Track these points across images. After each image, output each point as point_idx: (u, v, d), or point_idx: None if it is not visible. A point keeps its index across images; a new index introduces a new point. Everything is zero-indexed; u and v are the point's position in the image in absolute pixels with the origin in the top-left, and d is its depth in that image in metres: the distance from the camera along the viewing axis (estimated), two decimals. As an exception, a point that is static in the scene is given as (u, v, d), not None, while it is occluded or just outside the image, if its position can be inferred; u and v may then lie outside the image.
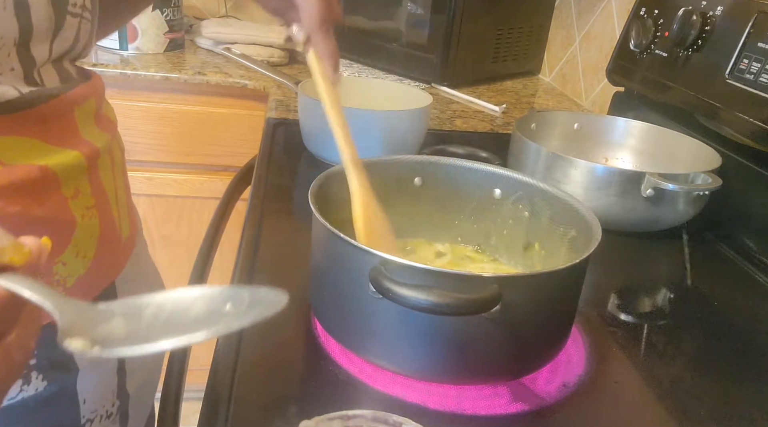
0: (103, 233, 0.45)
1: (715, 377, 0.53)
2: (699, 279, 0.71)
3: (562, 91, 1.47)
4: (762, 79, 0.74)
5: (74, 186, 0.42)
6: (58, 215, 0.41)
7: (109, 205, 0.47)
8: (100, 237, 0.45)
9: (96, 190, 0.45)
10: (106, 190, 0.46)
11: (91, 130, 0.46)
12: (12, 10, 0.37)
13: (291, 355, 0.50)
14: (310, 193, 0.50)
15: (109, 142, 0.48)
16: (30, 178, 0.39)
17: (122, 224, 0.49)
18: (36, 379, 0.42)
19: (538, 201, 0.57)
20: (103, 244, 0.45)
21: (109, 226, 0.46)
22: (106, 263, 0.46)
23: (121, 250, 0.49)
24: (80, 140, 0.44)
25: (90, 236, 0.44)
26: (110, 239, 0.47)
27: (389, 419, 0.35)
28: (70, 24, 0.42)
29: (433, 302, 0.39)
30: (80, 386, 0.46)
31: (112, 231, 0.47)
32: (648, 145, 0.89)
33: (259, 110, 1.32)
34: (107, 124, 0.50)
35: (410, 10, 1.37)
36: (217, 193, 1.00)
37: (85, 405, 0.46)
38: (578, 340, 0.55)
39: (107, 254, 0.46)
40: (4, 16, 0.37)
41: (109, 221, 0.47)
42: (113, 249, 0.47)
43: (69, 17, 0.42)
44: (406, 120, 0.86)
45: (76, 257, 0.43)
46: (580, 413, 0.47)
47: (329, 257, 0.48)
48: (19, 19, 0.37)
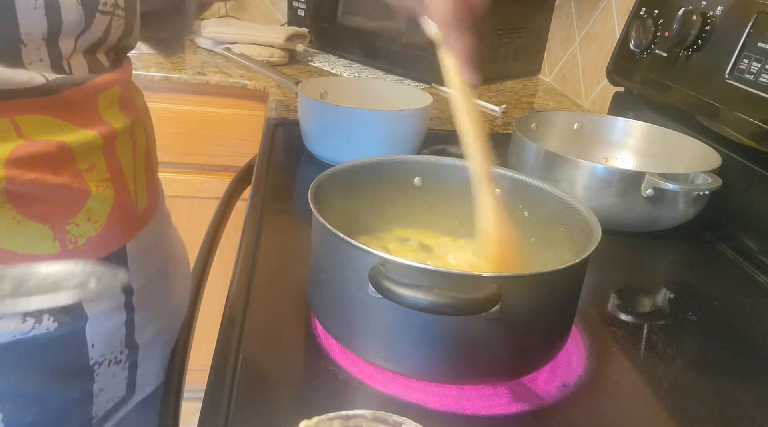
0: (116, 204, 0.48)
1: (715, 377, 0.53)
2: (699, 279, 0.71)
3: (562, 91, 1.47)
4: (762, 79, 0.74)
5: (90, 161, 0.45)
6: (72, 184, 0.44)
7: (125, 181, 0.49)
8: (114, 207, 0.48)
9: (112, 166, 0.47)
10: (124, 168, 0.49)
11: (113, 113, 0.48)
12: (42, 10, 0.39)
13: (291, 355, 0.50)
14: (310, 194, 0.50)
15: (130, 125, 0.50)
16: (48, 152, 0.42)
17: (138, 198, 0.51)
18: (47, 320, 0.45)
19: (538, 201, 0.57)
20: (115, 213, 0.48)
21: (123, 198, 0.49)
22: (118, 230, 0.49)
23: (135, 220, 0.52)
24: (100, 122, 0.46)
25: (103, 204, 0.47)
26: (124, 209, 0.49)
27: (389, 419, 0.35)
28: (99, 21, 0.44)
29: (433, 302, 0.39)
30: (89, 332, 0.48)
31: (127, 203, 0.50)
32: (648, 145, 0.89)
33: (259, 110, 1.32)
34: (131, 108, 0.52)
35: (410, 10, 1.36)
36: (217, 193, 1.00)
37: (93, 349, 0.49)
38: (578, 340, 0.55)
39: (119, 222, 0.49)
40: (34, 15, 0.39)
41: (124, 194, 0.49)
42: (126, 218, 0.50)
43: (99, 15, 0.43)
44: (406, 120, 0.86)
45: (87, 220, 0.46)
46: (580, 413, 0.47)
47: (329, 257, 0.48)
48: (48, 17, 0.40)
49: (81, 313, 0.47)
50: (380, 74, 1.42)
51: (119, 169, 0.48)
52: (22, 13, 0.38)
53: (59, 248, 0.44)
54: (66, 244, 0.45)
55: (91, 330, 0.48)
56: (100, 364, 0.50)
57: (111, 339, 0.50)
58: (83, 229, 0.45)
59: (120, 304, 0.50)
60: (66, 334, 0.46)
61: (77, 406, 0.49)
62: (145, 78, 1.28)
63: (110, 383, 0.51)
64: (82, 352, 0.48)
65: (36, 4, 0.39)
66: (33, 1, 0.39)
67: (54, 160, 0.42)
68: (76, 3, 0.41)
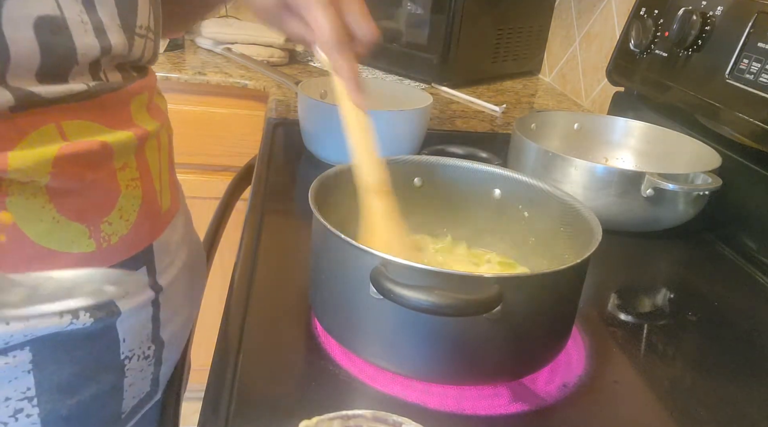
0: (144, 202, 0.50)
1: (715, 377, 0.53)
2: (699, 279, 0.71)
3: (562, 91, 1.47)
4: (762, 79, 0.74)
5: (123, 160, 0.48)
6: (106, 182, 0.46)
7: (152, 180, 0.52)
8: (142, 205, 0.50)
9: (141, 166, 0.50)
10: (151, 168, 0.51)
11: (144, 117, 0.51)
12: (92, 33, 0.42)
13: (291, 355, 0.50)
14: (310, 194, 0.50)
15: (158, 128, 0.53)
16: (91, 150, 0.44)
17: (163, 197, 0.54)
18: (84, 315, 0.46)
19: (538, 201, 0.57)
20: (143, 211, 0.50)
21: (150, 196, 0.51)
22: (146, 228, 0.51)
23: (161, 218, 0.53)
24: (133, 124, 0.49)
25: (132, 203, 0.49)
26: (151, 207, 0.51)
27: (389, 419, 0.35)
28: (137, 44, 0.47)
29: (434, 303, 0.39)
30: (120, 327, 0.49)
31: (153, 201, 0.52)
32: (648, 145, 0.89)
33: (259, 110, 1.32)
34: (158, 112, 0.55)
35: (410, 10, 1.37)
36: (217, 193, 1.00)
37: (124, 343, 0.50)
38: (578, 340, 0.55)
39: (147, 220, 0.51)
40: (86, 38, 0.42)
41: (151, 193, 0.51)
42: (153, 217, 0.52)
43: (137, 38, 0.47)
44: (406, 120, 0.86)
45: (120, 219, 0.48)
46: (580, 413, 0.47)
47: (329, 257, 0.48)
48: (99, 40, 0.43)
49: (115, 309, 0.48)
50: (380, 74, 1.42)
51: (147, 168, 0.51)
52: (76, 35, 0.41)
53: (94, 245, 0.46)
54: (101, 242, 0.46)
55: (122, 325, 0.49)
56: (130, 359, 0.51)
57: (139, 334, 0.51)
58: (116, 227, 0.48)
59: (149, 300, 0.52)
60: (100, 328, 0.48)
61: (109, 400, 0.51)
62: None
63: (138, 378, 0.52)
64: (114, 346, 0.49)
65: (86, 27, 0.42)
66: (83, 25, 0.41)
67: (94, 158, 0.45)
68: (118, 26, 0.44)
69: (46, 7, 0.39)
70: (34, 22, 0.39)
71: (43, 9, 0.39)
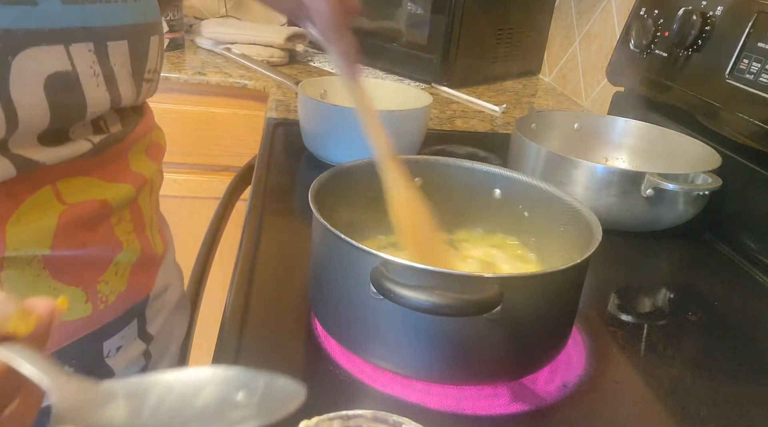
0: (143, 253, 0.48)
1: (715, 377, 0.53)
2: (699, 279, 0.71)
3: (562, 91, 1.47)
4: (762, 79, 0.74)
5: (119, 215, 0.45)
6: (106, 241, 0.44)
7: (145, 229, 0.49)
8: (139, 257, 0.48)
9: (135, 216, 0.48)
10: (144, 216, 0.49)
11: (142, 162, 0.49)
12: (104, 86, 0.40)
13: (291, 355, 0.50)
14: (310, 194, 0.50)
15: (155, 170, 0.51)
16: (91, 212, 0.42)
17: (156, 244, 0.52)
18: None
19: (538, 201, 0.57)
20: (139, 263, 0.48)
21: (146, 247, 0.49)
22: (143, 279, 0.49)
23: (154, 266, 0.52)
24: (130, 173, 0.47)
25: (130, 256, 0.47)
26: (146, 257, 0.49)
27: (389, 419, 0.35)
28: (145, 89, 0.46)
29: (435, 303, 0.39)
30: None
31: (149, 251, 0.50)
32: (648, 145, 0.89)
33: (259, 110, 1.32)
34: (156, 151, 0.53)
35: (410, 10, 1.37)
36: (217, 193, 1.00)
37: None
38: (578, 340, 0.55)
39: (143, 272, 0.49)
40: (98, 92, 0.39)
41: (146, 243, 0.49)
42: (148, 266, 0.50)
43: (144, 83, 0.45)
44: (406, 120, 0.86)
45: (116, 275, 0.46)
46: (580, 413, 0.47)
47: (329, 258, 0.48)
48: (110, 93, 0.41)
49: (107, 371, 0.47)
50: (380, 74, 1.42)
51: (141, 217, 0.49)
52: (88, 90, 0.39)
53: (91, 309, 0.44)
54: (97, 304, 0.44)
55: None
56: None
57: None
58: (113, 285, 0.45)
59: (140, 352, 0.50)
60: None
61: None
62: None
63: None
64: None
65: (98, 80, 0.39)
66: (95, 78, 0.39)
67: (95, 219, 0.43)
68: (128, 74, 0.42)
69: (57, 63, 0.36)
70: (45, 81, 0.36)
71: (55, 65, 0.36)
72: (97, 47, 0.39)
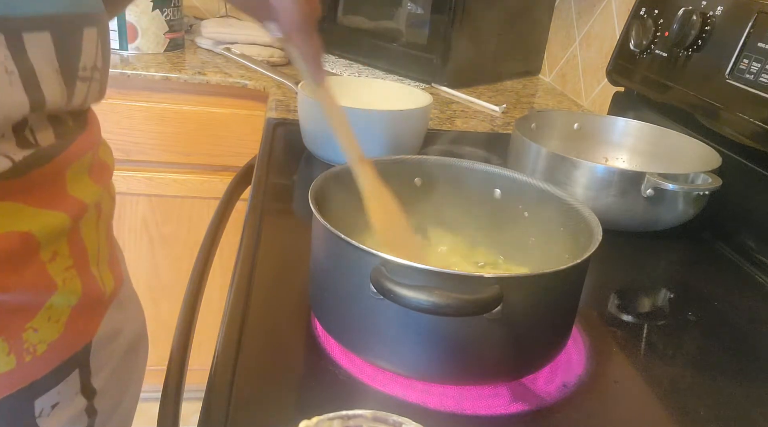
0: (84, 293, 0.42)
1: (715, 377, 0.53)
2: (699, 279, 0.71)
3: (562, 91, 1.47)
4: (762, 79, 0.74)
5: (53, 249, 0.39)
6: (36, 282, 0.37)
7: (89, 264, 0.43)
8: (81, 298, 0.41)
9: (75, 249, 0.41)
10: (87, 248, 0.42)
11: (82, 185, 0.42)
12: (20, 85, 0.34)
13: (291, 355, 0.50)
14: (310, 194, 0.50)
15: (100, 195, 0.44)
16: (10, 249, 0.35)
17: (105, 280, 0.45)
18: None
19: (538, 201, 0.57)
20: (81, 305, 0.41)
21: (90, 285, 0.42)
22: (82, 325, 0.42)
23: (101, 308, 0.45)
24: (67, 199, 0.40)
25: (68, 298, 0.40)
26: (91, 297, 0.43)
27: (389, 419, 0.35)
28: (79, 90, 0.39)
29: (435, 303, 0.39)
30: None
31: (94, 289, 0.43)
32: (648, 145, 0.89)
33: (259, 110, 1.32)
34: (101, 172, 0.45)
35: (410, 10, 1.37)
36: (217, 193, 1.00)
37: None
38: (578, 340, 0.55)
39: (83, 316, 0.42)
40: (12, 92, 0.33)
41: (90, 280, 0.43)
42: (92, 309, 0.43)
43: (79, 83, 0.38)
44: (406, 120, 0.86)
45: (48, 321, 0.39)
46: (580, 413, 0.47)
47: (329, 258, 0.48)
48: (29, 93, 0.34)
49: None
50: (380, 74, 1.42)
51: (82, 249, 0.42)
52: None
53: (14, 362, 0.37)
54: (23, 356, 0.38)
55: None
56: None
57: None
58: (43, 333, 0.38)
59: (81, 410, 0.43)
60: None
61: None
62: (145, 78, 1.28)
63: None
64: None
65: (11, 79, 0.33)
66: (7, 77, 0.33)
67: (17, 257, 0.36)
68: (55, 73, 0.36)
69: None
70: None
71: None
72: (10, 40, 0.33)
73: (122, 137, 1.31)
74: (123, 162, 1.31)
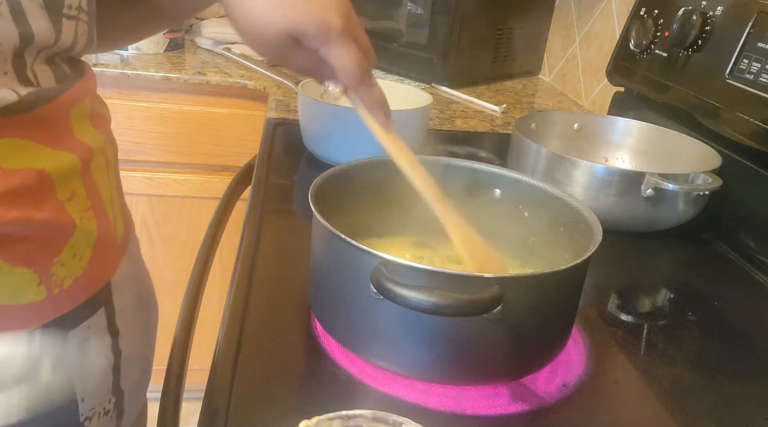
0: (100, 235, 0.45)
1: (715, 377, 0.53)
2: (699, 279, 0.71)
3: (562, 91, 1.47)
4: (762, 79, 0.74)
5: (69, 189, 0.42)
6: (56, 218, 0.41)
7: (104, 208, 0.46)
8: (98, 239, 0.44)
9: (91, 192, 0.44)
10: (101, 192, 0.46)
11: (86, 129, 0.45)
12: (9, 17, 0.36)
13: (291, 355, 0.50)
14: (310, 194, 0.50)
15: (103, 142, 0.47)
16: (27, 184, 0.38)
17: (117, 225, 0.48)
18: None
19: (538, 201, 0.57)
20: (99, 245, 0.45)
21: (105, 228, 0.46)
22: (102, 264, 0.46)
23: (116, 251, 0.49)
24: (75, 141, 0.43)
25: (87, 237, 0.43)
26: (106, 240, 0.46)
27: (389, 419, 0.35)
28: (67, 28, 0.41)
29: (435, 303, 0.39)
30: (78, 386, 0.45)
31: (109, 233, 0.46)
32: (648, 145, 0.89)
33: (259, 110, 1.32)
34: (101, 122, 0.48)
35: (410, 10, 1.37)
36: (217, 193, 1.00)
37: (83, 403, 0.46)
38: (578, 340, 0.55)
39: (103, 255, 0.46)
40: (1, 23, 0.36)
41: (105, 223, 0.46)
42: (108, 250, 0.47)
43: (65, 20, 0.40)
44: (406, 120, 0.86)
45: (73, 258, 0.42)
46: (580, 413, 0.47)
47: (329, 258, 0.48)
48: (17, 25, 0.37)
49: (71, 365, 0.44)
50: (380, 74, 1.42)
51: (98, 194, 0.45)
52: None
53: (45, 293, 0.41)
54: (52, 288, 0.41)
55: (79, 384, 0.45)
56: (90, 419, 0.47)
57: (100, 389, 0.47)
58: (69, 268, 0.42)
59: (108, 347, 0.47)
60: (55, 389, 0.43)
61: None
62: (145, 78, 1.28)
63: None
64: (71, 410, 0.45)
65: (1, 10, 0.35)
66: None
67: (35, 192, 0.39)
68: (40, 7, 0.38)
69: None
70: None
71: None
72: None
73: (122, 137, 1.30)
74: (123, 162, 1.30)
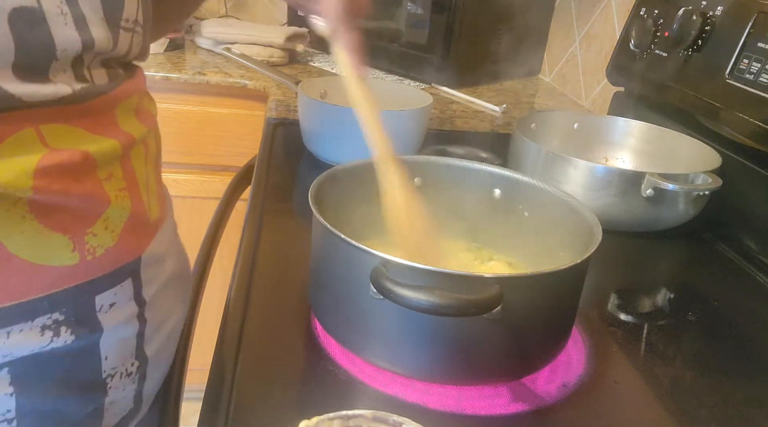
0: (133, 213, 0.49)
1: (715, 377, 0.53)
2: (699, 279, 0.71)
3: (562, 91, 1.47)
4: (762, 79, 0.74)
5: (108, 170, 0.46)
6: (93, 193, 0.45)
7: (140, 190, 0.50)
8: (130, 216, 0.48)
9: (128, 175, 0.48)
10: (138, 177, 0.50)
11: (130, 122, 0.49)
12: (73, 26, 0.40)
13: (291, 355, 0.50)
14: (310, 194, 0.50)
15: (146, 133, 0.51)
16: (72, 162, 0.42)
17: (151, 207, 0.52)
18: (65, 333, 0.45)
19: (538, 201, 0.57)
20: (131, 222, 0.48)
21: (138, 207, 0.49)
22: (133, 240, 0.49)
23: (149, 230, 0.52)
24: (118, 130, 0.47)
25: (120, 213, 0.47)
26: (139, 218, 0.50)
27: (389, 419, 0.35)
28: (123, 39, 0.46)
29: (435, 303, 0.39)
30: (103, 344, 0.48)
31: (142, 212, 0.50)
32: (648, 145, 0.89)
33: (259, 110, 1.32)
34: (147, 116, 0.53)
35: (410, 10, 1.37)
36: (217, 193, 1.00)
37: (106, 361, 0.49)
38: (578, 340, 0.55)
39: (134, 232, 0.49)
40: (66, 31, 0.40)
41: (139, 204, 0.50)
42: (140, 228, 0.50)
43: (122, 32, 0.45)
44: (406, 120, 0.86)
45: (105, 230, 0.46)
46: (580, 413, 0.47)
47: (329, 258, 0.48)
48: (80, 33, 0.41)
49: (97, 325, 0.47)
50: (380, 74, 1.42)
51: (134, 177, 0.49)
52: (55, 28, 0.39)
53: (78, 258, 0.44)
54: (85, 254, 0.44)
55: (105, 342, 0.47)
56: (113, 377, 0.49)
57: (123, 351, 0.50)
58: (101, 239, 0.46)
59: (133, 314, 0.50)
60: (82, 346, 0.46)
61: (89, 420, 0.49)
62: (146, 78, 1.27)
63: (120, 397, 0.51)
64: (95, 365, 0.48)
65: (66, 20, 0.40)
66: (62, 17, 0.39)
67: (77, 169, 0.43)
68: (101, 20, 0.42)
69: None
70: (8, 15, 0.37)
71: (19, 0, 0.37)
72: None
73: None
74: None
